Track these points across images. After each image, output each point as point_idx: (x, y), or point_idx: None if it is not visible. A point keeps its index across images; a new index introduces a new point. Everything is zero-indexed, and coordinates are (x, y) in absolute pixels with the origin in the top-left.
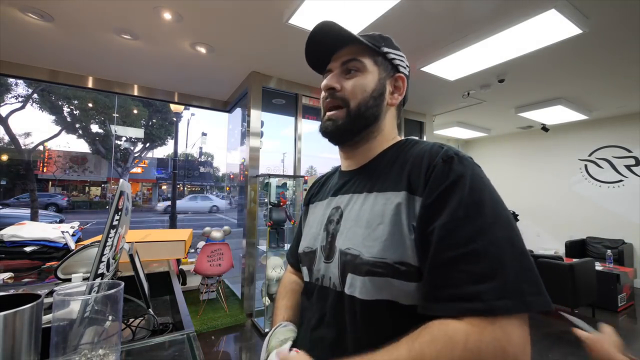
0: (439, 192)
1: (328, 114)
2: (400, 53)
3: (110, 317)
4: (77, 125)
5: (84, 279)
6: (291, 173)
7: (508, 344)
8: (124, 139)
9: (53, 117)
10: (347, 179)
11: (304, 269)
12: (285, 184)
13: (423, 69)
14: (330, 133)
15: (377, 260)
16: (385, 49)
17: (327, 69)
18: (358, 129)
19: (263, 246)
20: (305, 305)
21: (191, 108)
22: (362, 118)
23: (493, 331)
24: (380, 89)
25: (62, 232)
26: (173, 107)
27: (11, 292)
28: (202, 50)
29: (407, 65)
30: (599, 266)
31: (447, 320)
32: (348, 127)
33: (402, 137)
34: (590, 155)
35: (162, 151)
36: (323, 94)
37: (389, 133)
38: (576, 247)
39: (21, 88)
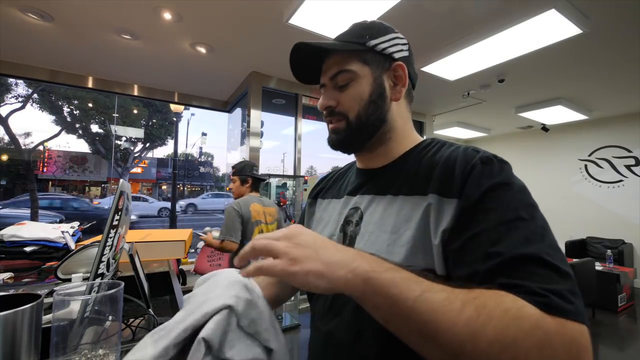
0: (482, 193)
1: (330, 126)
2: (390, 36)
3: (110, 317)
4: (77, 125)
5: (84, 279)
6: (291, 173)
7: (584, 350)
8: (124, 139)
9: (53, 117)
10: (367, 179)
11: None
12: (285, 184)
13: (423, 69)
14: (337, 146)
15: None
16: (372, 42)
17: (321, 83)
18: (365, 137)
19: None
20: (317, 308)
21: (191, 108)
22: (367, 126)
23: (573, 330)
24: (379, 90)
25: (62, 232)
26: (173, 107)
27: (11, 292)
28: (202, 50)
29: (403, 44)
30: (599, 266)
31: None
32: (352, 138)
33: (424, 137)
34: (590, 155)
35: (162, 151)
36: (324, 112)
37: (403, 130)
38: (576, 247)
39: (21, 88)
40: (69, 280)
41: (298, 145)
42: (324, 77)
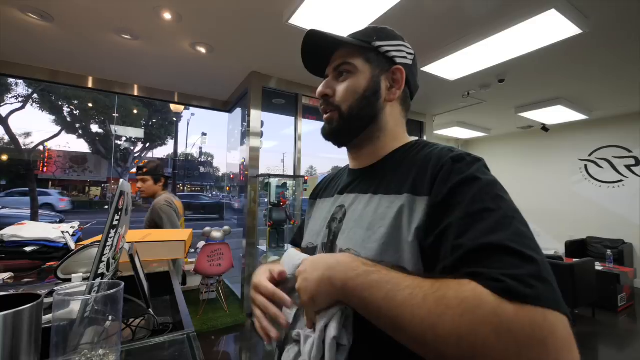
0: (450, 188)
1: (324, 116)
2: (397, 42)
3: (110, 317)
4: (77, 125)
5: (84, 279)
6: (291, 173)
7: (550, 335)
8: (124, 139)
9: (53, 117)
10: (354, 178)
11: None
12: (285, 184)
13: (423, 69)
14: (328, 135)
15: (376, 261)
16: (378, 43)
17: (325, 74)
18: (354, 130)
19: (263, 246)
20: None
21: (191, 108)
22: (357, 119)
23: (533, 314)
24: (374, 87)
25: (62, 232)
26: (173, 107)
27: (11, 292)
28: (202, 50)
29: (409, 53)
30: (599, 266)
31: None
32: (343, 128)
33: (413, 138)
34: (590, 155)
35: (162, 151)
36: (320, 100)
37: (394, 131)
38: (576, 247)
39: (21, 88)
40: (69, 280)
41: (298, 145)
42: (329, 68)
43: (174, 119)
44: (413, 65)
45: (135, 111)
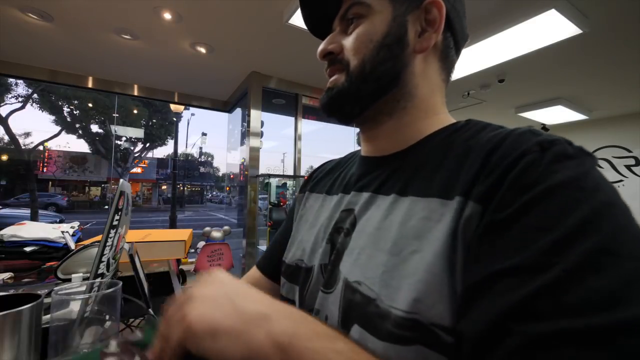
0: (526, 202)
1: (329, 81)
2: None
3: (108, 317)
4: (77, 125)
5: (84, 279)
6: (291, 173)
7: None
8: (124, 139)
9: (53, 117)
10: (367, 170)
11: (291, 286)
12: (285, 184)
13: None
14: (327, 107)
15: (407, 316)
16: None
17: (333, 29)
18: (366, 95)
19: (263, 246)
20: None
21: (191, 108)
22: (371, 79)
23: None
24: (396, 32)
25: (62, 232)
26: (173, 107)
27: (11, 292)
28: (202, 50)
29: None
30: None
31: None
32: (350, 92)
33: (458, 120)
34: None
35: (162, 151)
36: (325, 63)
37: (427, 101)
38: None
39: (21, 88)
40: (69, 280)
41: (298, 145)
42: (336, 20)
43: (174, 119)
44: (458, 1)
45: (135, 111)
